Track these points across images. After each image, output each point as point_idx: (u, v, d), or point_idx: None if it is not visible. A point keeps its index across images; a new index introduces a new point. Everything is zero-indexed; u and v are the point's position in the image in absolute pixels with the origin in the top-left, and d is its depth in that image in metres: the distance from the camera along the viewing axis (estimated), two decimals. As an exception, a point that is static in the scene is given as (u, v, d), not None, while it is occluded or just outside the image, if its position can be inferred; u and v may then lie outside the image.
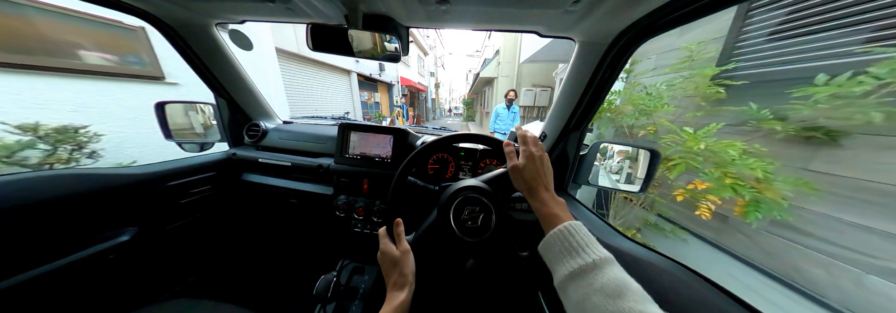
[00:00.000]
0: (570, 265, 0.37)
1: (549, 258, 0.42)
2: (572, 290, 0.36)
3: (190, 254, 1.06)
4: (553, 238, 0.42)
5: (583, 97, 0.75)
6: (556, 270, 0.39)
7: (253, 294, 1.22)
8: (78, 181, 0.70)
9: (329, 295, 0.82)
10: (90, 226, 0.73)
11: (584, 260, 0.36)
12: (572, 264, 0.37)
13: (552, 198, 0.48)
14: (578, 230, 0.41)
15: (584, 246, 0.38)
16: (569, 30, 0.64)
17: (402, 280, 0.51)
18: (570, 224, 0.42)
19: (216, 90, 1.04)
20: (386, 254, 0.54)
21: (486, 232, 0.56)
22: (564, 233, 0.41)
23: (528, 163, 0.52)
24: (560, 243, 0.40)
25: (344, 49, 0.69)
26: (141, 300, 0.89)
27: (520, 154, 0.54)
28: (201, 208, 1.04)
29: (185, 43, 0.84)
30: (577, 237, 0.40)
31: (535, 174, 0.51)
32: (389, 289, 0.51)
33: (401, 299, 0.48)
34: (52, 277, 0.63)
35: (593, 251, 0.37)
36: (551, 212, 0.46)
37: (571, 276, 0.36)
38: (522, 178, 0.51)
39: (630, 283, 0.33)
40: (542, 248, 0.43)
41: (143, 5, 0.69)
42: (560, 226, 0.42)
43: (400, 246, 0.54)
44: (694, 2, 0.44)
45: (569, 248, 0.39)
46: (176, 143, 1.06)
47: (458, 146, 0.98)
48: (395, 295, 0.49)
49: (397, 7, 0.58)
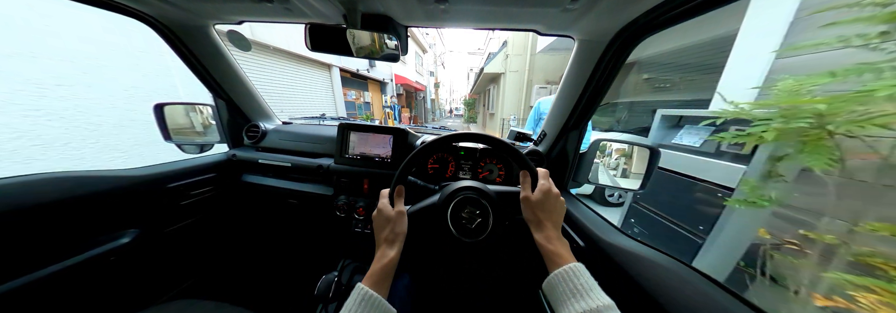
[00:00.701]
0: (573, 308, 0.38)
1: (552, 297, 0.43)
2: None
3: (191, 256, 1.06)
4: (557, 278, 0.43)
5: (582, 95, 0.75)
6: (560, 311, 0.40)
7: (254, 294, 1.22)
8: (79, 183, 0.70)
9: (330, 295, 0.82)
10: (91, 228, 0.73)
11: (588, 305, 0.38)
12: (576, 307, 0.38)
13: (558, 237, 0.49)
14: (582, 273, 0.42)
15: (588, 290, 0.40)
16: (568, 28, 0.64)
17: (393, 237, 0.52)
18: (575, 266, 0.43)
19: (215, 91, 1.04)
20: (382, 212, 0.55)
21: (482, 233, 0.56)
22: (570, 274, 0.42)
23: (543, 197, 0.52)
24: (564, 284, 0.42)
25: (343, 49, 0.69)
26: (142, 301, 0.89)
27: (535, 185, 0.55)
28: (202, 209, 1.04)
29: (184, 44, 0.84)
30: (581, 280, 0.41)
31: (547, 210, 0.52)
32: (379, 246, 0.52)
33: (390, 256, 0.49)
34: (53, 279, 0.63)
35: (597, 297, 0.39)
36: (556, 251, 0.47)
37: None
38: (533, 211, 0.52)
39: None
40: (546, 287, 0.45)
41: (140, 7, 0.69)
42: (566, 267, 0.43)
43: (397, 206, 0.56)
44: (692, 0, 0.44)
45: (574, 290, 0.40)
46: (175, 145, 1.06)
47: (457, 145, 0.98)
48: (384, 253, 0.50)
49: (396, 6, 0.58)
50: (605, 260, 0.56)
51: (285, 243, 1.36)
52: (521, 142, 1.01)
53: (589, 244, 0.63)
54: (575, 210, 0.74)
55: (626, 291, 0.49)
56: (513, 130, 1.00)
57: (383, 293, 0.47)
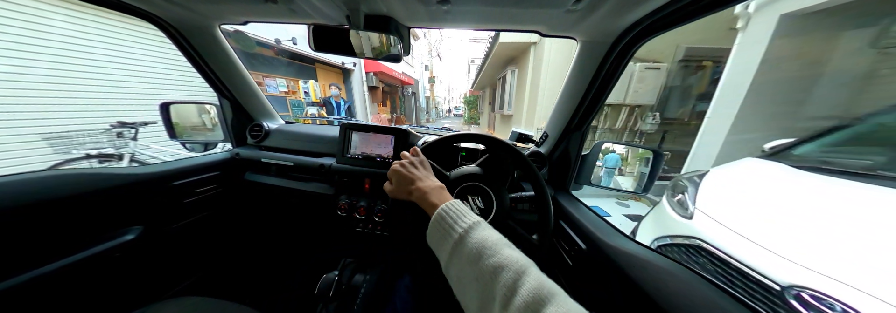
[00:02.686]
0: (447, 246, 0.36)
1: (434, 247, 0.40)
2: (451, 269, 0.35)
3: (194, 253, 1.07)
4: (432, 226, 0.40)
5: (585, 97, 0.74)
6: (441, 257, 0.38)
7: (256, 292, 1.23)
8: (84, 180, 0.71)
9: (331, 294, 0.82)
10: (96, 225, 0.74)
11: (452, 238, 0.35)
12: (448, 244, 0.36)
13: (426, 188, 0.47)
14: (449, 209, 0.40)
15: (453, 223, 0.37)
16: (570, 29, 0.64)
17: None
18: (443, 206, 0.41)
19: (219, 91, 1.05)
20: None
21: (486, 218, 0.57)
22: (438, 219, 0.40)
23: (393, 177, 0.52)
24: (437, 229, 0.39)
25: (346, 49, 0.69)
26: (146, 298, 0.90)
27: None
28: (205, 207, 1.05)
29: (189, 44, 0.85)
30: (448, 218, 0.39)
31: (401, 180, 0.51)
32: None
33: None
34: (58, 276, 0.64)
35: (460, 224, 0.36)
36: (429, 201, 0.44)
37: (450, 256, 0.35)
38: (399, 192, 0.51)
39: (487, 239, 0.33)
40: (428, 239, 0.41)
41: (147, 7, 0.70)
42: (436, 211, 0.41)
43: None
44: (697, 1, 0.43)
45: (443, 232, 0.38)
46: (180, 143, 1.07)
47: (458, 146, 0.98)
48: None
49: (398, 7, 0.59)
50: (606, 263, 0.56)
51: (287, 242, 1.37)
52: (522, 144, 1.01)
53: (590, 246, 0.63)
54: (577, 212, 0.74)
55: (628, 294, 0.48)
56: (514, 131, 0.99)
57: None
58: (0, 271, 0.58)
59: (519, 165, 0.64)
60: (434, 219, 0.40)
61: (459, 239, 0.34)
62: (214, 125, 1.15)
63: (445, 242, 0.36)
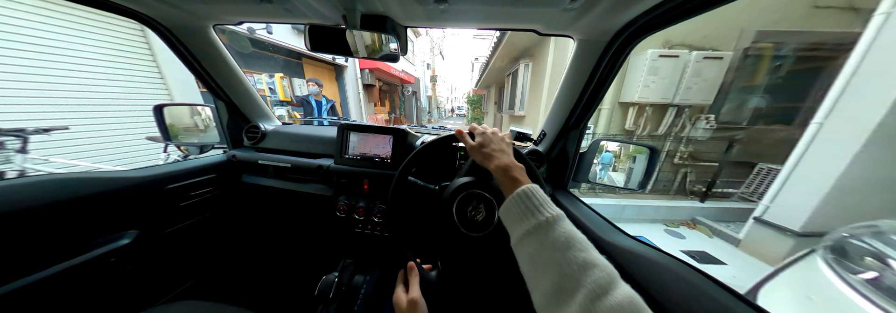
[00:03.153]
0: (526, 224, 0.39)
1: (508, 221, 0.43)
2: (526, 246, 0.38)
3: (192, 256, 1.06)
4: (512, 202, 0.43)
5: (582, 95, 0.75)
6: (514, 231, 0.41)
7: (255, 295, 1.22)
8: (79, 185, 0.70)
9: (331, 295, 0.82)
10: (92, 230, 0.73)
11: (537, 219, 0.39)
12: (528, 223, 0.39)
13: (510, 164, 0.50)
14: (535, 192, 0.43)
15: (539, 206, 0.40)
16: (567, 28, 0.65)
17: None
18: (528, 187, 0.43)
19: (214, 92, 1.04)
20: (397, 303, 0.52)
21: (488, 227, 0.57)
22: (522, 196, 0.42)
23: (483, 138, 0.55)
24: (518, 206, 0.42)
25: (343, 49, 0.69)
26: (144, 302, 0.89)
27: (473, 136, 0.58)
28: (202, 210, 1.04)
29: (183, 45, 0.84)
30: (534, 199, 0.41)
31: (491, 144, 0.54)
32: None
33: None
34: (54, 281, 0.63)
35: (548, 209, 0.40)
36: (511, 176, 0.47)
37: (527, 234, 0.39)
38: (479, 153, 0.54)
39: (575, 235, 0.36)
40: (502, 212, 0.45)
41: (139, 8, 0.69)
42: (519, 189, 0.43)
43: (410, 292, 0.52)
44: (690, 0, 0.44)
45: (526, 210, 0.41)
46: (175, 146, 1.06)
47: (457, 145, 0.98)
48: None
49: (395, 7, 0.58)
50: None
51: (286, 243, 1.36)
52: (520, 142, 1.02)
53: None
54: (575, 209, 0.74)
55: None
56: (513, 130, 1.00)
57: None
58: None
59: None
60: (518, 195, 0.42)
61: (546, 223, 0.38)
62: (209, 127, 1.14)
63: (525, 220, 0.39)
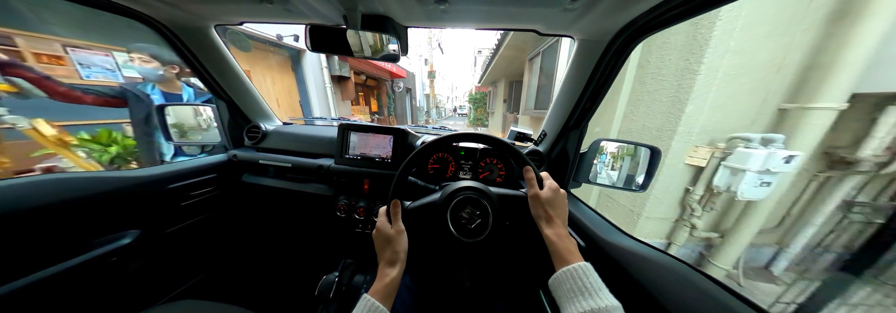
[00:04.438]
0: (580, 306, 0.39)
1: (559, 294, 0.43)
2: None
3: (192, 256, 1.06)
4: (566, 275, 0.43)
5: (582, 95, 0.75)
6: (566, 307, 0.41)
7: (255, 295, 1.22)
8: (81, 184, 0.70)
9: (331, 295, 0.82)
10: (93, 229, 0.73)
11: (595, 304, 0.38)
12: (583, 305, 0.38)
13: (567, 235, 0.51)
14: (591, 273, 0.43)
15: (596, 290, 0.40)
16: (568, 28, 0.64)
17: (394, 256, 0.52)
18: (584, 264, 0.44)
19: (215, 92, 1.04)
20: (381, 231, 0.55)
21: (482, 233, 0.57)
22: (578, 273, 0.43)
23: (553, 195, 0.54)
24: (572, 282, 0.42)
25: (343, 49, 0.69)
26: (145, 301, 0.89)
27: (542, 183, 0.56)
28: (203, 210, 1.04)
29: (184, 45, 0.84)
30: (589, 279, 0.41)
31: (557, 207, 0.53)
32: (381, 266, 0.52)
33: (392, 276, 0.50)
34: (56, 280, 0.64)
35: (605, 297, 0.39)
36: (567, 247, 0.48)
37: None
38: (543, 207, 0.53)
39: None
40: (553, 283, 0.45)
41: (140, 8, 0.69)
42: (575, 265, 0.44)
43: (395, 225, 0.55)
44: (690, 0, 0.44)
45: (581, 289, 0.41)
46: (176, 146, 1.06)
47: (457, 145, 0.98)
48: (386, 272, 0.51)
49: (395, 7, 0.58)
50: (605, 260, 0.56)
51: (286, 243, 1.36)
52: (521, 142, 1.02)
53: (589, 243, 0.63)
54: (576, 210, 0.74)
55: (627, 291, 0.49)
56: (513, 130, 1.00)
57: (388, 306, 0.47)
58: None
59: (518, 164, 0.64)
60: (575, 270, 0.43)
61: (606, 311, 0.37)
62: (211, 127, 1.14)
63: (580, 300, 0.39)
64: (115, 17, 0.70)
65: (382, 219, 0.56)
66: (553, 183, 0.56)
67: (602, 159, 0.88)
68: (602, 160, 0.88)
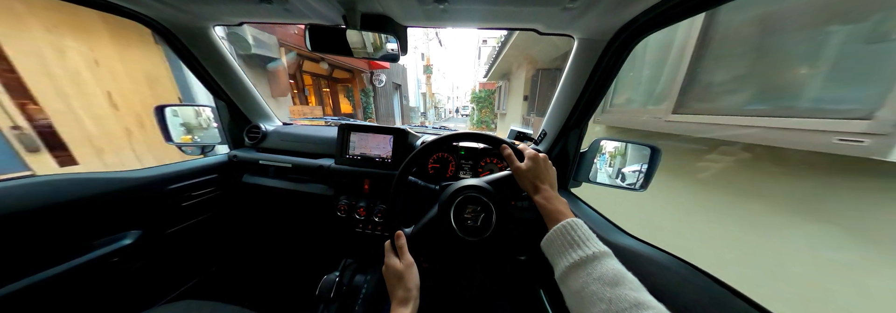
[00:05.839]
0: (570, 257, 0.39)
1: (551, 252, 0.44)
2: (572, 280, 0.38)
3: (193, 256, 1.06)
4: (556, 233, 0.44)
5: (582, 94, 0.75)
6: (558, 263, 0.41)
7: (256, 294, 1.22)
8: (82, 185, 0.70)
9: (332, 295, 0.82)
10: (94, 230, 0.73)
11: (584, 252, 0.39)
12: (573, 256, 0.39)
13: (556, 197, 0.50)
14: (580, 226, 0.43)
15: (585, 240, 0.41)
16: (567, 27, 0.64)
17: (406, 294, 0.49)
18: (572, 220, 0.44)
19: (215, 93, 1.04)
20: (390, 268, 0.53)
21: (486, 231, 0.57)
22: (567, 229, 0.43)
23: (531, 163, 0.54)
24: (562, 238, 0.43)
25: (343, 49, 0.69)
26: (146, 302, 0.89)
27: (521, 156, 0.56)
28: (204, 210, 1.04)
29: (184, 46, 0.84)
30: (578, 232, 0.42)
31: (540, 172, 0.53)
32: (394, 305, 0.49)
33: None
34: (57, 280, 0.64)
35: (593, 245, 0.40)
36: (555, 208, 0.48)
37: (572, 267, 0.39)
38: (527, 178, 0.53)
39: (626, 274, 0.36)
40: (545, 243, 0.45)
41: (139, 9, 0.69)
42: (563, 222, 0.44)
43: (403, 259, 0.53)
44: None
45: (570, 242, 0.41)
46: (176, 146, 1.06)
47: (458, 145, 0.98)
48: (399, 312, 0.48)
49: (395, 7, 0.58)
50: None
51: (287, 243, 1.36)
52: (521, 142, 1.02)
53: None
54: (576, 209, 0.74)
55: None
56: (513, 130, 1.00)
57: None
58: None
59: (496, 147, 0.64)
60: (562, 228, 0.43)
61: (592, 258, 0.38)
62: (210, 127, 1.14)
63: (570, 252, 0.40)
64: (115, 18, 0.69)
65: (389, 255, 0.54)
66: (531, 151, 0.56)
67: (602, 158, 0.88)
68: (602, 159, 0.88)
